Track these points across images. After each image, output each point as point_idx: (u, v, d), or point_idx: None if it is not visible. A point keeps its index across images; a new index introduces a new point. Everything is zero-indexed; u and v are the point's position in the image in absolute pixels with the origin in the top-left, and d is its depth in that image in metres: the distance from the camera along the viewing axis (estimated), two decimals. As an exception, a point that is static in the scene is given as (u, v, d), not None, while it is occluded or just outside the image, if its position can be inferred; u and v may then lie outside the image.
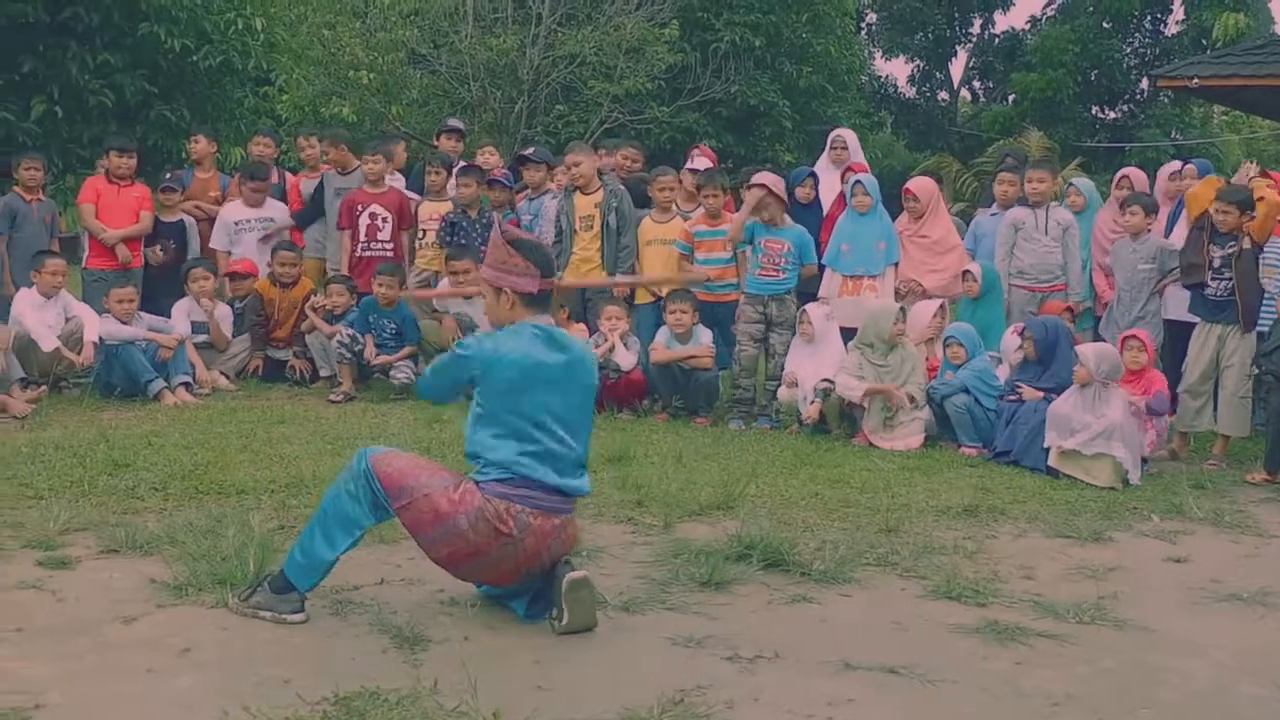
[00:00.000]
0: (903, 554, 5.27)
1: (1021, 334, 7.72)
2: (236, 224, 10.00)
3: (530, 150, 10.28)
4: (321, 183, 10.12)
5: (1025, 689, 3.84)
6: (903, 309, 8.16)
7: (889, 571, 5.06)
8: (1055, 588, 4.92)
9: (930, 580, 4.91)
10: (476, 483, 4.17)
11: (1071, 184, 9.65)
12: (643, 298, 9.17)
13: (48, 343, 8.26)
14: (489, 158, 10.53)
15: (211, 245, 10.06)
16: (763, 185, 8.54)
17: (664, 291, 8.94)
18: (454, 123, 11.35)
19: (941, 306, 8.45)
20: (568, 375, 4.27)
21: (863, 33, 35.57)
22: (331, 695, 3.51)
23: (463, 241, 9.34)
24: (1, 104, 10.22)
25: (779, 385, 8.46)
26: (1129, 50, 34.14)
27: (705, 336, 8.57)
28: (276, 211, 10.15)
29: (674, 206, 9.39)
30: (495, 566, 4.21)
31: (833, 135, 10.17)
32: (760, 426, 8.35)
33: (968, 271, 8.70)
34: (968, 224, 10.03)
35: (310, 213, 10.19)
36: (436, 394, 4.59)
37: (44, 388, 8.11)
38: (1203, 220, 7.91)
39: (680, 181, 9.55)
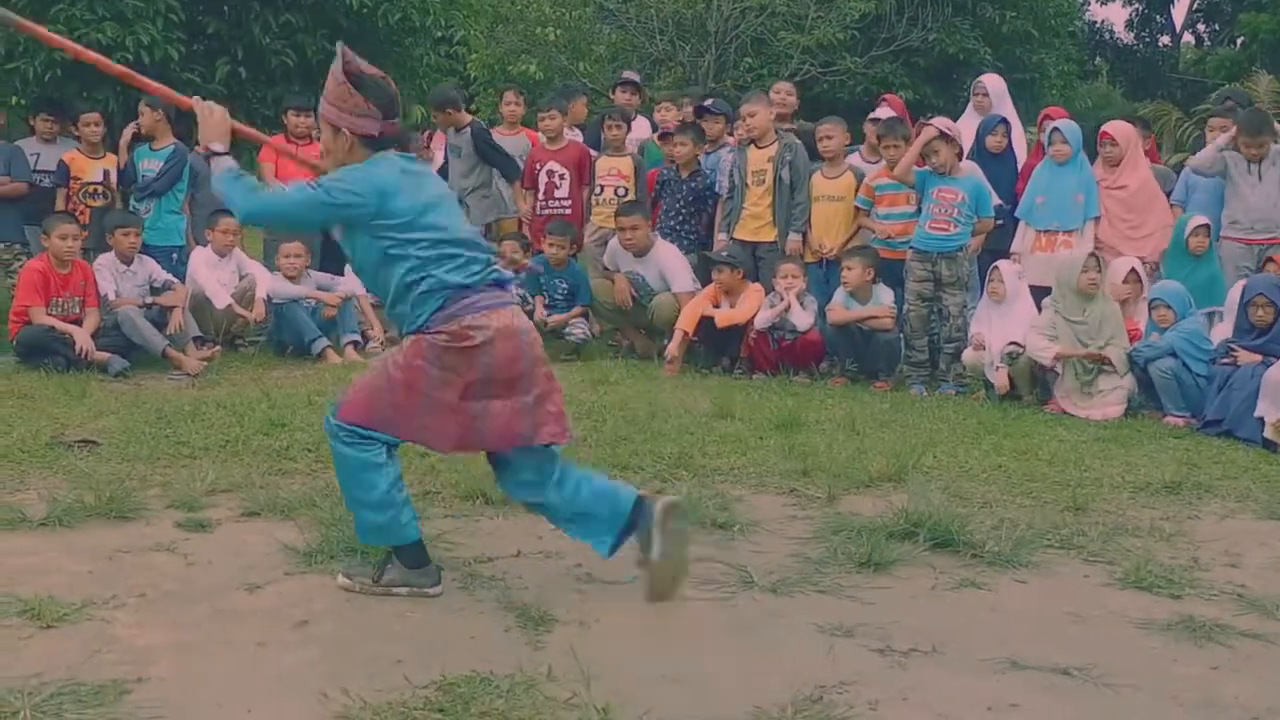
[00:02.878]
0: (1090, 535, 4.77)
1: (1252, 300, 6.97)
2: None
3: (709, 101, 9.92)
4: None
5: (1222, 699, 3.34)
6: (1095, 256, 7.52)
7: (1072, 555, 4.57)
8: (1265, 578, 4.36)
9: (1118, 567, 4.40)
10: (416, 332, 3.89)
11: None
12: (811, 257, 8.71)
13: (221, 300, 8.38)
14: (664, 114, 10.22)
15: None
16: (933, 125, 7.99)
17: (827, 251, 8.51)
18: (629, 75, 11.08)
19: (1133, 271, 7.74)
20: (442, 188, 4.07)
21: (1076, -24, 33.76)
22: (439, 679, 3.28)
23: (679, 204, 9.10)
24: (188, 67, 10.40)
25: (955, 348, 7.92)
26: (1374, -16, 31.44)
27: (886, 296, 8.10)
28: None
29: (859, 157, 8.94)
30: (503, 383, 3.89)
31: (975, 82, 9.61)
32: (944, 392, 7.83)
33: (1200, 225, 7.93)
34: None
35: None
36: (284, 224, 4.44)
37: (218, 346, 8.21)
38: None
39: (864, 132, 9.10)
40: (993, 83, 9.49)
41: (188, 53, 10.44)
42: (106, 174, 9.25)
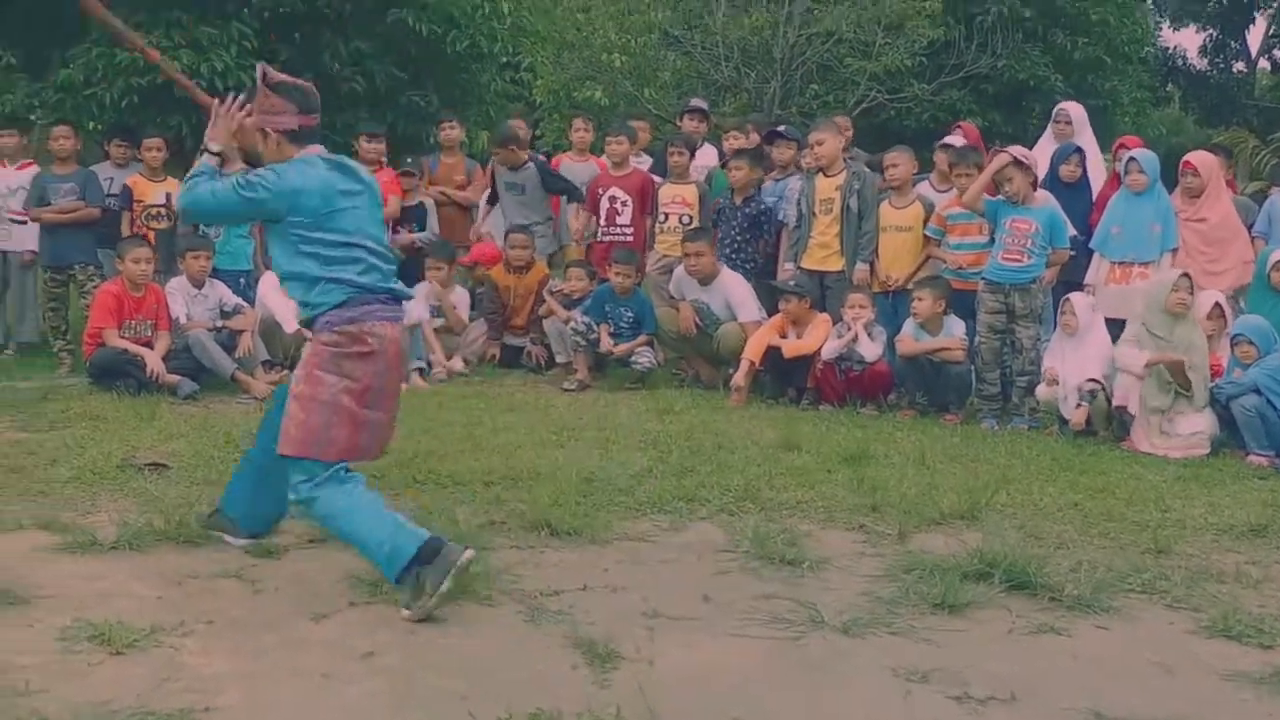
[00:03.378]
0: (1173, 580, 4.61)
1: None
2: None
3: (782, 127, 9.84)
4: (494, 176, 10.04)
5: (1318, 758, 3.22)
6: (1188, 276, 7.33)
7: (1155, 601, 4.42)
8: (1359, 629, 4.20)
9: (1204, 614, 4.25)
10: (314, 335, 4.18)
11: None
12: (878, 287, 8.58)
13: (290, 324, 8.40)
14: (732, 142, 10.15)
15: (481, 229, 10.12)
16: (1007, 152, 7.87)
17: (894, 283, 8.40)
18: (697, 102, 11.03)
19: (1216, 305, 7.54)
20: (368, 196, 4.39)
21: (1148, 0, 33.34)
22: (504, 716, 3.22)
23: (734, 230, 9.04)
24: (261, 94, 10.50)
25: (1028, 381, 7.76)
26: None
27: (957, 328, 7.96)
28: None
29: (928, 186, 8.83)
30: (388, 395, 4.25)
31: (1057, 109, 9.40)
32: (1017, 426, 7.67)
33: None
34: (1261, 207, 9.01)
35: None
36: (208, 216, 5.00)
37: (286, 370, 8.24)
38: None
39: (935, 161, 8.98)
40: (1075, 110, 9.31)
41: (260, 79, 10.54)
42: (169, 197, 9.36)
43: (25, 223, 9.42)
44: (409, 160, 10.22)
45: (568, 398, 8.29)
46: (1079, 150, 8.79)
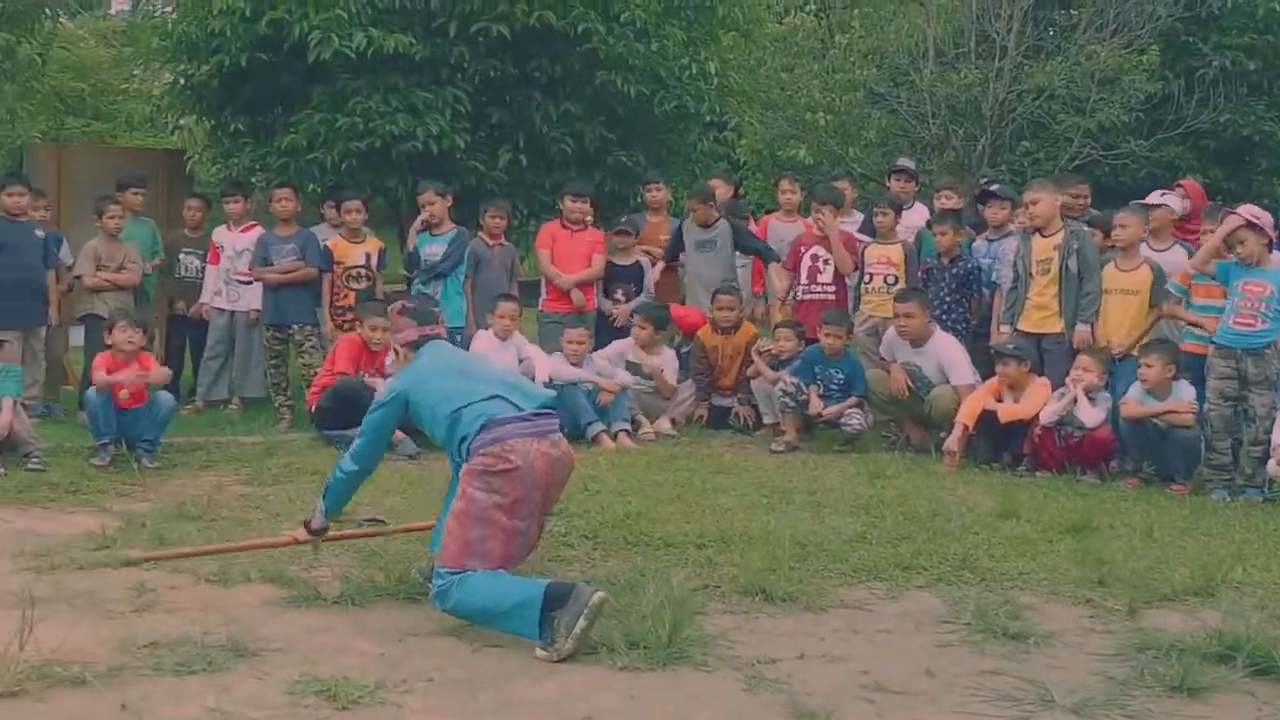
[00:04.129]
0: None
1: None
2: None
3: (995, 186, 9.62)
4: (680, 233, 10.05)
5: None
6: None
7: None
8: None
9: None
10: (465, 459, 4.56)
11: None
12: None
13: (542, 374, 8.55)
14: (945, 202, 9.96)
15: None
16: (1238, 213, 7.51)
17: (1117, 351, 8.05)
18: (904, 162, 10.89)
19: None
20: (474, 355, 5.55)
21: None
22: (727, 790, 3.17)
23: (944, 292, 8.92)
24: (473, 154, 10.81)
25: (1262, 451, 7.32)
26: None
27: (1187, 392, 7.58)
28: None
29: (1146, 247, 8.47)
30: (534, 505, 4.60)
31: None
32: (1249, 498, 7.26)
33: None
34: None
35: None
36: (376, 452, 5.07)
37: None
38: None
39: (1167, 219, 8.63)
40: None
41: (472, 141, 10.85)
42: (368, 257, 9.69)
43: (250, 283, 9.89)
44: (623, 220, 10.35)
45: (776, 459, 8.22)
46: (1283, 205, 8.35)
